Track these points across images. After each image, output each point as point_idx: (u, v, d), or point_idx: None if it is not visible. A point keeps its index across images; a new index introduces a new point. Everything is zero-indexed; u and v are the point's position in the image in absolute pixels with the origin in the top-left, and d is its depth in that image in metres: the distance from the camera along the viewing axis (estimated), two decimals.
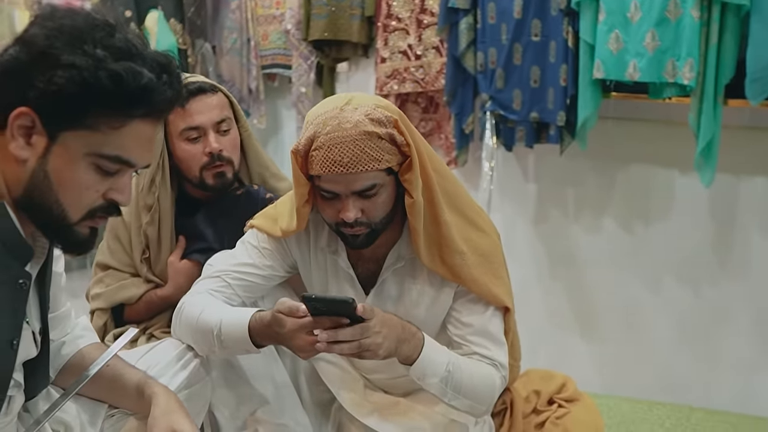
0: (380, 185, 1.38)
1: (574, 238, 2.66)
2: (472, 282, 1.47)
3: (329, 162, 1.33)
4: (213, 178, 1.84)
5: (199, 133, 1.82)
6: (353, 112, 1.35)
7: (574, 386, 1.92)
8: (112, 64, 1.00)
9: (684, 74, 2.07)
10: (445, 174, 1.53)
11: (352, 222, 1.37)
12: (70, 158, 1.04)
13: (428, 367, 1.39)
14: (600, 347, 2.65)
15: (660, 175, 2.44)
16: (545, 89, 2.36)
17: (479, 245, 1.51)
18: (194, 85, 1.81)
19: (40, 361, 1.22)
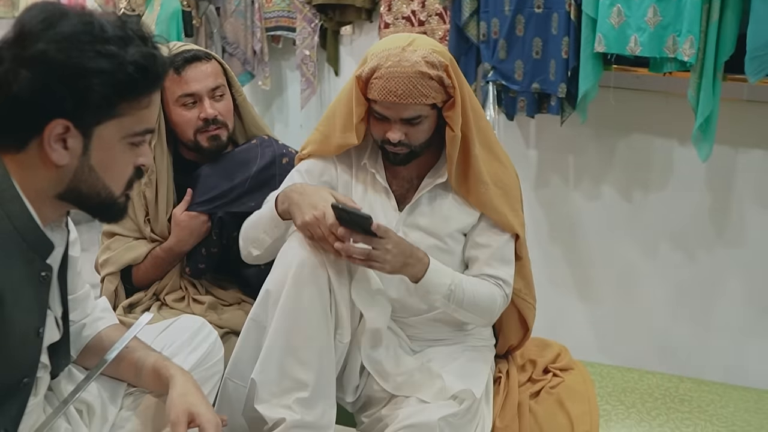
0: (424, 116, 1.60)
1: (573, 205, 2.71)
2: (492, 209, 1.68)
3: (386, 91, 1.54)
4: (207, 141, 1.93)
5: (194, 99, 1.90)
6: (413, 53, 1.55)
7: (569, 355, 1.99)
8: (129, 56, 1.07)
9: (684, 50, 2.09)
10: (481, 114, 1.73)
11: (396, 142, 1.60)
12: (109, 146, 1.12)
13: (431, 286, 1.61)
14: (596, 310, 2.74)
15: (659, 146, 2.48)
16: (547, 60, 2.38)
17: (501, 179, 1.71)
18: (189, 53, 1.90)
19: (63, 342, 1.29)
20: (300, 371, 1.58)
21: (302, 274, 1.57)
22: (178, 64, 1.88)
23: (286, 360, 1.59)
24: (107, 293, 1.98)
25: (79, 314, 1.41)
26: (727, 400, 1.79)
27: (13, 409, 1.17)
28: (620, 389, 1.85)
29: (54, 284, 1.23)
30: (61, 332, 1.27)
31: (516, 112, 2.52)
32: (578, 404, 1.78)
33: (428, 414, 1.62)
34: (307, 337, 1.58)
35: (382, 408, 1.74)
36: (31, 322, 1.16)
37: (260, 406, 1.59)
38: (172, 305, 2.02)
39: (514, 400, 1.78)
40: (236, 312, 2.04)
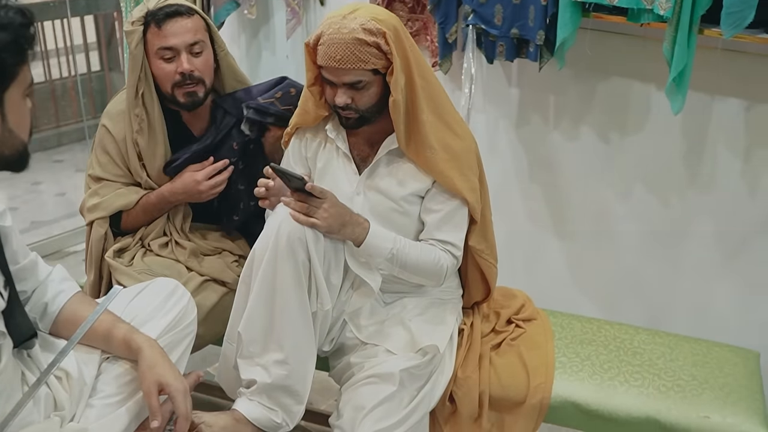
0: (366, 82, 1.72)
1: (552, 143, 2.74)
2: (438, 174, 1.80)
3: (327, 57, 1.70)
4: (184, 96, 2.03)
5: (173, 54, 1.99)
6: (352, 21, 1.68)
7: (532, 305, 2.10)
8: (16, 20, 1.22)
9: (661, 4, 2.07)
10: (431, 81, 1.81)
11: (343, 106, 1.75)
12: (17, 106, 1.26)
13: (373, 248, 1.76)
14: (571, 246, 2.82)
15: (637, 90, 2.49)
16: (526, 6, 2.36)
17: (450, 145, 1.80)
18: (171, 8, 1.97)
19: (14, 310, 1.38)
20: (277, 336, 1.70)
21: (280, 247, 1.68)
22: (159, 18, 1.97)
23: (265, 323, 1.71)
24: (96, 236, 2.08)
25: (31, 283, 1.50)
26: (678, 353, 1.88)
27: None
28: (578, 340, 1.94)
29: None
30: (5, 300, 1.35)
31: (495, 57, 2.52)
32: (536, 356, 1.89)
33: (391, 365, 1.74)
34: (282, 308, 1.70)
35: (352, 355, 1.85)
36: None
37: (241, 361, 1.72)
38: (157, 251, 2.11)
39: (476, 352, 1.89)
40: (216, 261, 2.14)
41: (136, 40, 1.98)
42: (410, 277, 1.83)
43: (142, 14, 1.99)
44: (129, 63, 2.02)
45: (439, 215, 1.83)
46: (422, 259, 1.80)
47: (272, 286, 1.68)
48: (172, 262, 2.09)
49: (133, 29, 1.98)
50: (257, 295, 1.71)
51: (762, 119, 2.30)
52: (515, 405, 1.82)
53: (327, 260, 1.74)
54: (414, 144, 1.78)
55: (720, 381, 1.81)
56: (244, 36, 3.66)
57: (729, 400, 1.75)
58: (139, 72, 2.00)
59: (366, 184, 1.85)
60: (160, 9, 1.97)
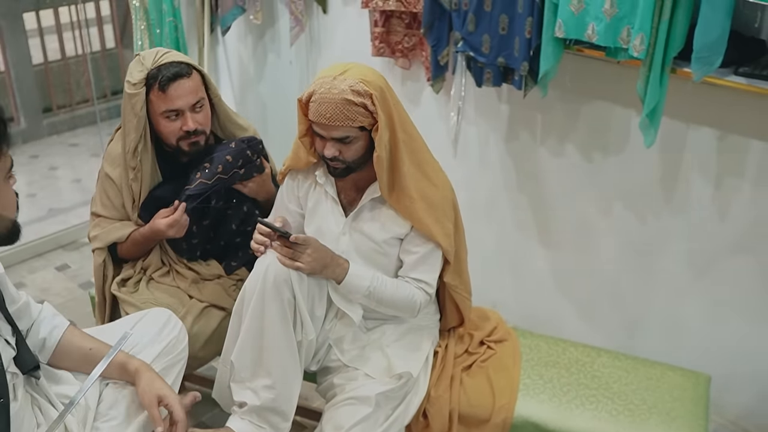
0: (353, 137, 1.89)
1: (539, 158, 2.89)
2: (416, 221, 1.98)
3: (318, 114, 1.85)
4: (188, 146, 2.20)
5: (177, 114, 2.13)
6: (342, 82, 1.84)
7: (504, 327, 2.27)
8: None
9: (635, 46, 2.19)
10: (413, 135, 2.00)
11: (332, 158, 1.91)
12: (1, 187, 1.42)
13: (352, 286, 1.95)
14: (554, 256, 2.98)
15: (618, 114, 2.62)
16: (512, 37, 2.48)
17: (428, 195, 1.98)
18: (172, 71, 2.08)
19: (22, 351, 1.59)
20: (265, 365, 1.91)
21: (267, 287, 1.87)
22: (163, 83, 2.07)
23: (255, 354, 1.91)
24: (96, 264, 2.28)
25: (26, 321, 1.70)
26: (633, 377, 2.04)
27: (1, 423, 1.46)
28: (543, 362, 2.10)
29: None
30: (15, 347, 1.55)
31: (483, 82, 2.65)
32: (503, 378, 2.07)
33: (368, 389, 1.94)
34: (270, 341, 1.90)
35: (335, 376, 2.05)
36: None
37: (234, 385, 1.93)
38: (159, 280, 2.31)
39: (448, 373, 2.07)
40: (216, 287, 2.33)
41: (141, 104, 2.10)
42: (386, 310, 2.02)
43: (143, 76, 2.08)
44: (130, 122, 2.13)
45: (416, 257, 2.01)
46: (397, 295, 1.99)
47: (261, 322, 1.88)
48: (175, 290, 2.28)
49: (137, 92, 2.09)
50: (248, 329, 1.91)
51: (733, 149, 2.42)
52: (481, 422, 2.00)
53: (311, 295, 1.93)
54: (395, 193, 1.95)
55: (668, 405, 1.97)
56: (251, 38, 3.80)
57: (673, 425, 1.92)
58: (140, 131, 2.15)
59: (351, 226, 2.02)
60: (159, 71, 2.08)
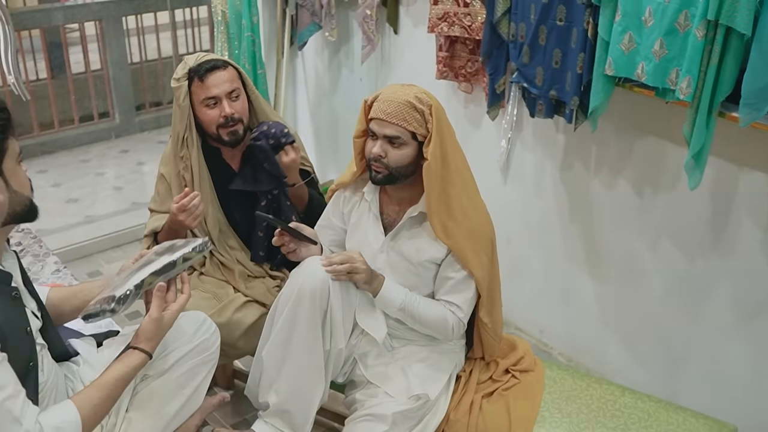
0: (403, 141, 1.99)
1: (592, 189, 2.90)
2: (455, 245, 2.04)
3: (378, 110, 1.99)
4: (227, 135, 2.40)
5: (215, 101, 2.34)
6: (409, 89, 2.01)
7: (531, 357, 2.30)
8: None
9: (681, 89, 2.20)
10: (466, 165, 2.11)
11: (376, 157, 2.01)
12: (14, 172, 1.56)
13: (387, 299, 2.07)
14: (600, 286, 2.98)
15: (671, 152, 2.61)
16: (565, 71, 2.52)
17: (470, 225, 2.07)
18: (210, 64, 2.34)
19: (48, 327, 1.76)
20: (289, 367, 2.04)
21: (302, 300, 1.99)
22: (201, 73, 2.33)
23: (282, 356, 2.06)
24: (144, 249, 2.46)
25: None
26: (653, 421, 2.04)
27: (30, 385, 1.62)
28: (565, 396, 2.13)
29: (23, 292, 1.68)
30: (41, 318, 1.72)
31: (536, 113, 2.69)
32: (522, 408, 2.11)
33: (386, 407, 2.03)
34: (297, 346, 2.03)
35: (358, 391, 2.15)
36: (21, 325, 1.62)
37: (261, 385, 2.06)
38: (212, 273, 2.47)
39: (468, 398, 2.13)
40: (260, 284, 2.48)
41: (183, 94, 2.34)
42: (420, 327, 2.11)
43: (185, 72, 2.35)
44: (176, 113, 2.38)
45: (451, 282, 2.09)
46: (430, 312, 2.09)
47: (291, 329, 2.01)
48: (223, 283, 2.44)
49: (180, 85, 2.35)
50: (279, 331, 2.04)
51: None
52: None
53: (344, 306, 2.03)
54: (439, 211, 2.02)
55: None
56: (327, 53, 3.94)
57: None
58: (186, 121, 2.37)
59: (389, 245, 2.12)
60: (200, 65, 2.33)
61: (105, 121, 5.54)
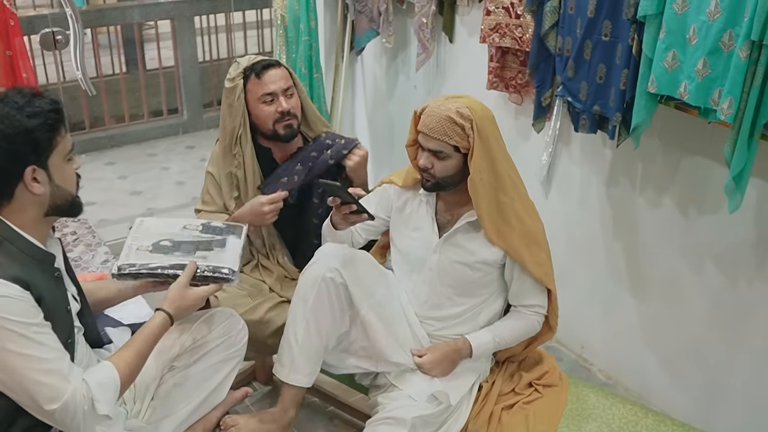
0: (447, 154, 2.05)
1: (636, 207, 2.86)
2: (511, 248, 2.12)
3: (423, 124, 2.07)
4: (283, 129, 2.48)
5: (272, 97, 2.43)
6: (452, 103, 2.04)
7: (557, 372, 2.30)
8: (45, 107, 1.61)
9: (722, 109, 2.15)
10: (515, 171, 2.16)
11: (424, 168, 2.09)
12: (60, 168, 1.66)
13: (481, 352, 2.19)
14: (642, 305, 2.94)
15: (717, 172, 2.55)
16: (609, 87, 2.50)
17: (525, 225, 2.14)
18: (265, 62, 2.44)
19: (85, 311, 1.87)
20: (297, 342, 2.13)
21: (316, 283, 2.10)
22: (258, 71, 2.42)
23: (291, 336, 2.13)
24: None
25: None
26: None
27: None
28: (587, 415, 2.12)
29: (65, 275, 1.79)
30: (79, 302, 1.84)
31: (579, 128, 2.68)
32: (541, 423, 2.11)
33: (406, 411, 2.06)
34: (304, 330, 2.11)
35: (380, 393, 2.18)
36: (62, 304, 1.72)
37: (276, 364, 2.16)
38: (247, 273, 2.54)
39: (488, 409, 2.15)
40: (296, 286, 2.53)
41: (239, 92, 2.43)
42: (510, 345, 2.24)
43: (239, 71, 2.44)
44: (228, 112, 2.46)
45: (525, 285, 2.19)
46: (517, 331, 2.22)
47: (304, 316, 2.14)
48: (259, 282, 2.51)
49: (234, 84, 2.43)
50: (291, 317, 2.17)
51: None
52: None
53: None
54: (492, 218, 2.08)
55: None
56: (385, 59, 4.00)
57: None
58: (240, 119, 2.45)
59: (443, 247, 2.17)
60: (254, 64, 2.43)
61: (173, 117, 5.74)
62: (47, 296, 1.62)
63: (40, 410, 1.55)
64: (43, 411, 1.55)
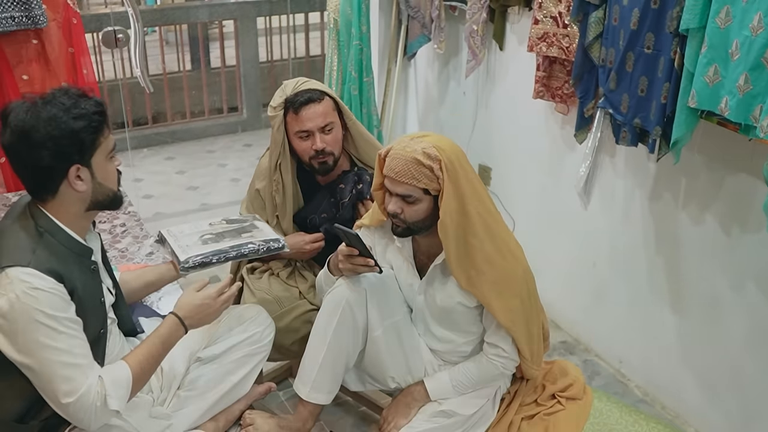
0: (416, 198, 1.94)
1: (679, 223, 2.82)
2: (479, 293, 2.03)
3: (388, 168, 1.95)
4: (318, 164, 2.48)
5: (308, 134, 2.39)
6: (418, 143, 1.93)
7: (581, 385, 2.28)
8: (90, 109, 1.69)
9: (762, 127, 2.11)
10: (490, 210, 2.03)
11: (394, 214, 1.98)
12: (102, 166, 1.74)
13: (439, 394, 2.14)
14: (683, 323, 2.89)
15: (761, 191, 2.50)
16: (650, 100, 2.46)
17: (495, 271, 2.01)
18: (305, 96, 2.38)
19: (120, 303, 1.96)
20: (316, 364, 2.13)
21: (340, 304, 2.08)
22: (297, 106, 2.38)
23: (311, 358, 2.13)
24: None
25: None
26: None
27: (100, 349, 1.82)
28: (608, 430, 2.09)
29: (101, 268, 1.87)
30: (114, 294, 1.92)
31: (620, 140, 2.65)
32: None
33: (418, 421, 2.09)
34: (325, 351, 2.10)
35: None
36: (96, 296, 1.80)
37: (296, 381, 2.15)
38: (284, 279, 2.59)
39: (508, 418, 2.16)
40: None
41: (278, 124, 2.44)
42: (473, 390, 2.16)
43: (282, 101, 2.41)
44: (271, 141, 2.49)
45: (491, 328, 2.10)
46: (478, 375, 2.14)
47: (323, 339, 2.12)
48: (291, 288, 2.56)
49: (275, 114, 2.44)
50: (312, 339, 2.16)
51: None
52: None
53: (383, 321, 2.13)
54: (461, 262, 1.98)
55: None
56: (437, 65, 4.02)
57: None
58: (279, 148, 2.48)
59: (426, 290, 2.15)
60: (296, 96, 2.39)
61: (233, 115, 5.88)
62: (81, 288, 1.70)
63: (56, 401, 1.62)
64: (59, 403, 1.61)
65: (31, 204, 1.73)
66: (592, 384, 3.14)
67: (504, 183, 3.77)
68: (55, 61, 3.30)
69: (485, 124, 3.78)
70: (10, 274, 1.58)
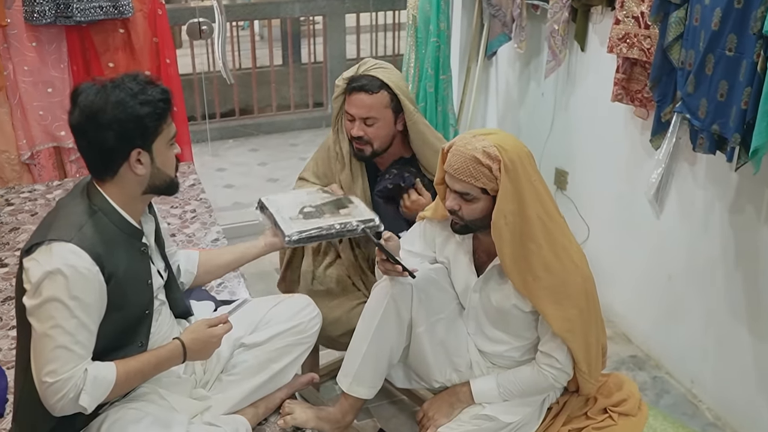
0: (474, 196, 1.90)
1: (761, 238, 2.65)
2: (534, 298, 1.94)
3: (448, 164, 1.91)
4: (356, 150, 2.49)
5: (353, 117, 2.42)
6: (480, 141, 1.88)
7: (636, 401, 2.18)
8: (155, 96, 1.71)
9: None
10: (552, 215, 1.96)
11: (451, 210, 1.95)
12: (162, 152, 1.77)
13: (484, 396, 2.09)
14: (761, 345, 2.72)
15: None
16: (730, 105, 2.33)
17: (553, 277, 1.92)
18: (360, 83, 2.39)
19: (172, 285, 1.99)
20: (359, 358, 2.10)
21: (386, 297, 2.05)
22: (349, 89, 2.40)
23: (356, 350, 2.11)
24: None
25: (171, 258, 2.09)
26: None
27: (144, 329, 1.84)
28: None
29: (153, 250, 1.90)
30: (165, 278, 1.95)
31: (696, 147, 2.51)
32: None
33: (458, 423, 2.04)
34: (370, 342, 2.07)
35: None
36: (143, 277, 1.83)
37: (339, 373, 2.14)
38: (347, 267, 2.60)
39: (554, 430, 2.08)
40: None
41: (338, 92, 2.47)
42: (518, 398, 2.07)
43: (349, 75, 2.43)
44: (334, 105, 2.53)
45: (546, 336, 2.02)
46: (525, 383, 2.05)
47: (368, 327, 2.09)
48: (346, 278, 2.56)
49: (340, 85, 2.47)
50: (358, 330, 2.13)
51: None
52: None
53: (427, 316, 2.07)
54: (518, 266, 1.91)
55: None
56: (518, 64, 3.94)
57: None
58: (338, 112, 2.52)
59: (482, 288, 2.08)
60: (357, 79, 2.40)
61: (318, 110, 5.94)
62: (125, 270, 1.73)
63: (38, 373, 1.62)
64: (39, 378, 1.62)
65: (90, 184, 1.78)
66: (660, 403, 3.00)
67: (580, 188, 3.65)
68: (140, 50, 3.41)
69: (563, 126, 3.67)
70: (53, 248, 1.63)
